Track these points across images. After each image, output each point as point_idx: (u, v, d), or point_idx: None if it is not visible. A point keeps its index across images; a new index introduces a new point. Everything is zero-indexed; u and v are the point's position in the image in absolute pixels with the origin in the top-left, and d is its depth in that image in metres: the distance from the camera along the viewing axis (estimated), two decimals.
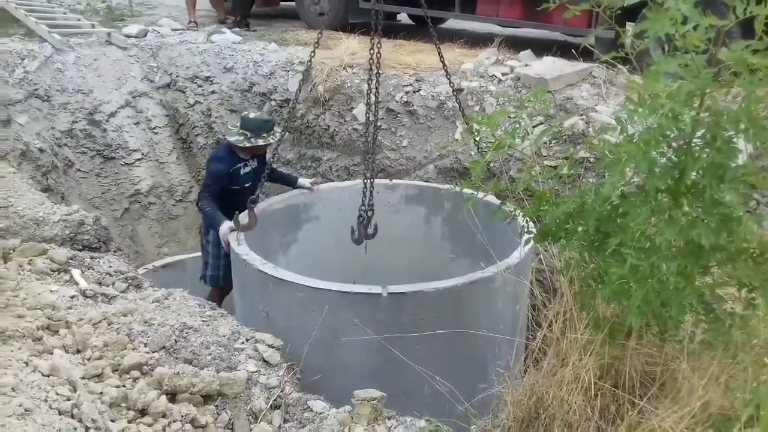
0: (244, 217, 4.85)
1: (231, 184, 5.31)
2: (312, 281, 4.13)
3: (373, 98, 4.51)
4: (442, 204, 5.77)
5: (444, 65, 4.88)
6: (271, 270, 4.27)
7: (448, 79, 5.00)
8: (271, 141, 5.30)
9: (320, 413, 3.04)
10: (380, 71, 4.47)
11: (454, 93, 5.08)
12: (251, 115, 5.40)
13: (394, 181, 6.03)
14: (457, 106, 5.11)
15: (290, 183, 5.80)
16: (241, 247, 4.60)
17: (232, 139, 5.29)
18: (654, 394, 2.36)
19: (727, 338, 2.30)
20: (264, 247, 4.86)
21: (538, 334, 2.74)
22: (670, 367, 2.42)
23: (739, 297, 2.39)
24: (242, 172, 5.42)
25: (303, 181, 5.85)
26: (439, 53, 4.85)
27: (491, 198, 4.00)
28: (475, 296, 4.15)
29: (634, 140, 2.28)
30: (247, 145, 5.26)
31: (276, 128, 5.56)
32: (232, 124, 6.40)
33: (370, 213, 4.71)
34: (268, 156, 5.39)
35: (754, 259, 2.30)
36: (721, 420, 2.09)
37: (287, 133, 5.96)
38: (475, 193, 2.85)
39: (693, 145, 2.29)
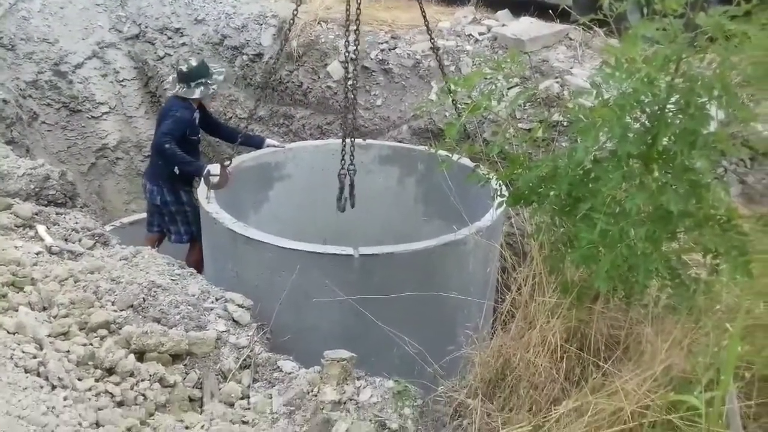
0: (214, 174, 4.77)
1: (191, 133, 5.36)
2: (283, 241, 4.10)
3: (351, 55, 4.45)
4: (415, 165, 5.73)
5: (426, 22, 4.80)
6: (241, 229, 4.23)
7: (430, 36, 4.91)
8: (215, 86, 5.40)
9: (290, 373, 3.05)
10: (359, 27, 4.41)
11: (435, 51, 4.99)
12: (184, 68, 5.37)
13: (368, 141, 5.95)
14: (438, 64, 5.03)
15: (257, 146, 5.70)
16: (211, 206, 4.54)
17: (181, 93, 5.32)
18: (618, 357, 2.40)
19: (690, 303, 2.35)
20: (235, 206, 4.80)
21: (507, 297, 2.77)
22: (635, 330, 2.46)
23: (704, 263, 2.43)
24: (196, 121, 5.47)
25: (270, 141, 5.80)
26: (421, 10, 4.77)
27: (465, 160, 3.99)
28: (447, 258, 4.16)
29: (609, 105, 2.27)
30: (196, 95, 5.31)
31: (215, 70, 5.57)
32: (168, 81, 6.44)
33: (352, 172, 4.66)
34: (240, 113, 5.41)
35: (720, 225, 2.33)
36: (683, 383, 2.14)
37: (263, 91, 5.84)
38: (450, 155, 2.83)
39: (666, 111, 2.29)
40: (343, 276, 4.00)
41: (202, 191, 4.71)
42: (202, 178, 4.77)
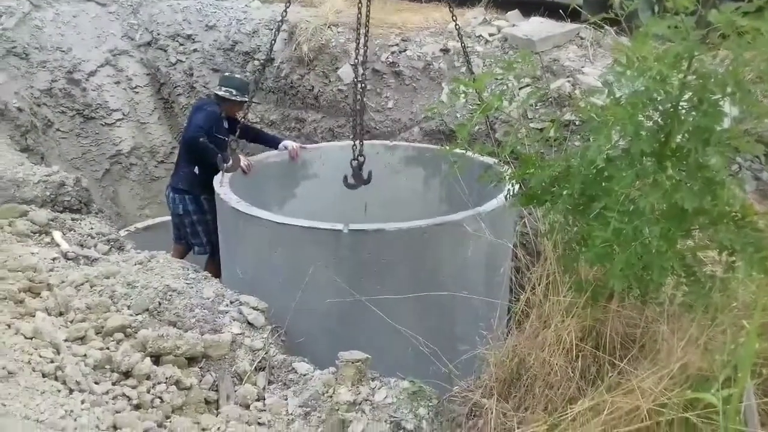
0: (227, 159, 4.95)
1: (217, 130, 5.46)
2: (277, 217, 4.22)
3: (361, 52, 4.51)
4: (440, 165, 5.76)
5: (454, 17, 4.93)
6: (242, 207, 4.34)
7: (460, 38, 5.04)
8: (237, 98, 5.60)
9: (304, 375, 3.06)
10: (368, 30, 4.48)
11: (464, 51, 5.10)
12: (236, 75, 5.90)
13: (394, 142, 6.09)
14: (467, 63, 5.15)
15: (273, 145, 5.84)
16: (222, 188, 4.65)
17: (221, 92, 5.54)
18: (634, 355, 2.39)
19: (706, 301, 2.33)
20: (259, 201, 4.86)
21: (521, 296, 2.76)
22: (651, 329, 2.44)
23: (720, 260, 2.41)
24: (224, 122, 5.60)
25: (287, 143, 5.86)
26: (450, 11, 4.91)
27: (486, 158, 3.99)
28: (441, 240, 4.14)
29: (621, 103, 2.26)
30: (239, 99, 5.52)
31: (246, 96, 5.76)
32: (213, 84, 6.58)
33: (360, 158, 4.74)
34: (241, 115, 5.51)
35: (735, 222, 2.32)
36: (699, 381, 2.12)
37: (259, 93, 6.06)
38: (470, 150, 2.85)
39: (679, 108, 2.28)
40: (335, 252, 4.07)
41: (217, 177, 4.85)
42: (218, 164, 4.92)
